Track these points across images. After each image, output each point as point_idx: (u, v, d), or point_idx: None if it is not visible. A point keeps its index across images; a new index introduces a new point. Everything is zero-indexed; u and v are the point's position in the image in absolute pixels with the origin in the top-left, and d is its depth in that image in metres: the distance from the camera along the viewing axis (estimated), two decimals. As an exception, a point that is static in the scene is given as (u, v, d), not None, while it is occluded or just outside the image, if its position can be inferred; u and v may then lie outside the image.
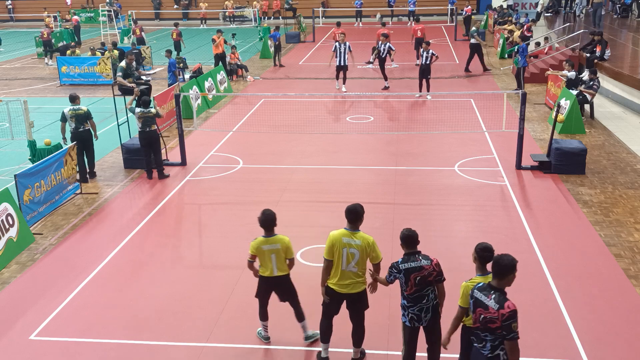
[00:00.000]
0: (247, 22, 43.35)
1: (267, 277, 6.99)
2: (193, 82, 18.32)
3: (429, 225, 10.35)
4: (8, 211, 9.59)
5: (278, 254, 6.88)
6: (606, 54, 19.92)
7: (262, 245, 6.88)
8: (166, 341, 7.33)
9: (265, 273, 6.98)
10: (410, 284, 5.97)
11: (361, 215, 6.40)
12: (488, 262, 5.59)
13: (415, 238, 6.11)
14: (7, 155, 14.52)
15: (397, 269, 6.05)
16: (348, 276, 6.42)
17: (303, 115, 17.01)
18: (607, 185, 11.84)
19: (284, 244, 6.89)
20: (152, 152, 12.70)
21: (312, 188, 12.15)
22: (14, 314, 8.01)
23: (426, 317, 6.06)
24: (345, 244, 6.35)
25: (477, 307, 5.27)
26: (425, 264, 5.99)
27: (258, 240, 6.92)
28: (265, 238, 6.91)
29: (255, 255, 6.93)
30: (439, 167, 13.07)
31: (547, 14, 34.34)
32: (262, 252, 6.89)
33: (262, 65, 26.56)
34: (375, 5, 41.94)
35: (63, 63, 23.38)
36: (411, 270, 5.97)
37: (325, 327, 6.79)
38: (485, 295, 5.22)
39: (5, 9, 47.94)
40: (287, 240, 6.92)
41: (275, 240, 6.89)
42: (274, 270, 6.93)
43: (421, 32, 24.93)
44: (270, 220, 6.91)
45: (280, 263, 6.92)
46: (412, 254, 6.07)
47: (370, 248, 6.33)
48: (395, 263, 6.10)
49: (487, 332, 5.19)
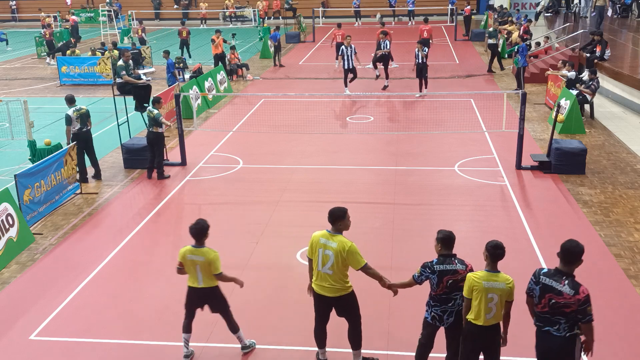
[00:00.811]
0: (247, 22, 43.35)
1: (193, 287, 6.81)
2: (193, 82, 18.32)
3: (429, 225, 10.35)
4: (8, 211, 9.59)
5: (202, 266, 6.68)
6: (606, 54, 19.91)
7: (187, 255, 6.71)
8: (166, 341, 7.33)
9: (192, 283, 6.81)
10: (442, 286, 5.91)
11: (339, 217, 6.28)
12: (499, 259, 5.68)
13: (453, 240, 6.04)
14: (7, 155, 14.52)
15: (431, 270, 5.95)
16: (324, 278, 6.34)
17: (303, 115, 17.01)
18: (607, 185, 11.84)
19: (209, 258, 6.65)
20: (155, 153, 12.70)
21: (312, 188, 12.15)
22: (14, 314, 8.01)
23: (448, 320, 6.05)
24: (322, 244, 6.30)
25: (547, 293, 5.46)
26: (460, 268, 5.92)
27: (185, 249, 6.76)
28: (193, 247, 6.73)
29: (182, 263, 6.76)
30: (439, 167, 13.07)
31: (547, 14, 34.33)
32: (187, 262, 6.72)
33: (262, 65, 26.55)
34: (375, 5, 41.92)
35: (63, 63, 23.39)
36: (445, 273, 5.89)
37: (317, 333, 6.71)
38: (557, 281, 5.44)
39: (8, 8, 47.93)
40: (214, 255, 6.67)
41: (201, 253, 6.68)
42: (199, 281, 6.75)
43: (428, 32, 24.90)
44: (200, 230, 6.69)
45: (205, 275, 6.72)
46: (448, 256, 5.97)
47: (346, 253, 6.15)
48: (429, 263, 5.99)
49: (560, 316, 5.44)
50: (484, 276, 5.68)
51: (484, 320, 5.72)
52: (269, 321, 7.69)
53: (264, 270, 8.99)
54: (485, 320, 5.73)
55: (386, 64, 20.70)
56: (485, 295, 5.64)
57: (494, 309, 5.71)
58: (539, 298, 5.52)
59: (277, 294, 8.31)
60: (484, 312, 5.69)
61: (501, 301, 5.70)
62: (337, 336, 7.33)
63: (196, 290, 6.81)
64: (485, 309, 5.67)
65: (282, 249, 9.60)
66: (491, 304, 5.67)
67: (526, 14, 36.24)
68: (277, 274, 8.87)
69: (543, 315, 5.53)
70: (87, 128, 12.58)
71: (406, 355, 6.86)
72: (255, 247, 9.66)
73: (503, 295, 5.68)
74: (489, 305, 5.67)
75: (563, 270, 5.46)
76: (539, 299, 5.53)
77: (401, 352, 6.91)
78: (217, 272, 6.69)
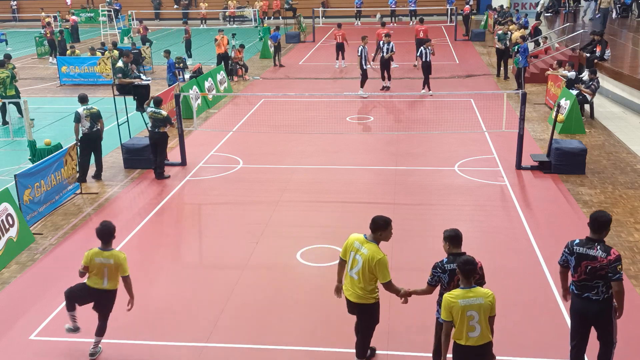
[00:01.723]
0: (247, 22, 43.35)
1: (93, 288, 6.76)
2: (193, 82, 18.32)
3: (429, 225, 10.36)
4: (8, 211, 9.59)
5: (110, 269, 6.64)
6: (606, 54, 19.91)
7: (95, 257, 6.66)
8: (166, 341, 7.33)
9: (95, 285, 6.74)
10: (453, 284, 5.87)
11: (381, 227, 6.13)
12: (471, 275, 5.54)
13: (461, 237, 6.00)
14: (7, 155, 14.52)
15: (442, 269, 5.93)
16: (350, 281, 6.32)
17: (303, 115, 17.01)
18: (607, 185, 11.84)
19: (118, 261, 6.62)
20: (158, 152, 12.72)
21: (312, 188, 12.15)
22: (14, 314, 8.01)
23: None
24: (355, 248, 6.24)
25: (583, 261, 5.90)
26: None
27: (92, 252, 6.69)
28: (100, 250, 6.68)
29: (88, 267, 6.70)
30: (439, 167, 13.07)
31: (547, 14, 34.34)
32: (94, 265, 6.67)
33: (262, 65, 26.56)
34: (375, 5, 41.93)
35: (63, 63, 23.39)
36: (456, 272, 5.82)
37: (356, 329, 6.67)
38: (590, 248, 5.90)
39: (9, 8, 47.93)
40: (123, 257, 6.64)
41: (109, 255, 6.63)
42: (104, 283, 6.72)
43: (424, 32, 24.93)
44: (106, 232, 6.65)
45: (112, 278, 6.70)
46: (458, 254, 5.92)
47: (374, 262, 6.02)
48: (439, 263, 5.97)
49: (598, 279, 5.89)
50: (460, 294, 5.48)
51: (467, 339, 5.48)
52: (269, 321, 7.69)
53: (264, 270, 8.99)
54: (469, 340, 5.48)
55: (387, 66, 20.54)
56: (464, 314, 5.44)
57: (478, 327, 5.47)
58: (575, 267, 5.99)
59: (277, 294, 8.31)
60: (466, 331, 5.48)
61: (484, 317, 5.47)
62: (340, 336, 7.34)
63: (92, 290, 6.78)
64: (467, 328, 5.47)
65: (282, 249, 9.60)
66: (472, 322, 5.46)
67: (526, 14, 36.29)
68: (277, 274, 8.87)
69: (581, 282, 6.00)
70: (97, 128, 12.58)
71: (406, 355, 6.86)
72: (255, 247, 9.66)
73: (484, 310, 5.46)
74: (470, 324, 5.46)
75: (594, 238, 5.94)
76: (575, 268, 5.99)
77: (401, 352, 6.91)
78: (125, 275, 6.71)
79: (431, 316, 6.50)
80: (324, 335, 7.37)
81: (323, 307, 7.94)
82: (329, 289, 8.39)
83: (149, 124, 12.64)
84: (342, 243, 9.46)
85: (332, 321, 7.65)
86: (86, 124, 12.44)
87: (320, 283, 8.60)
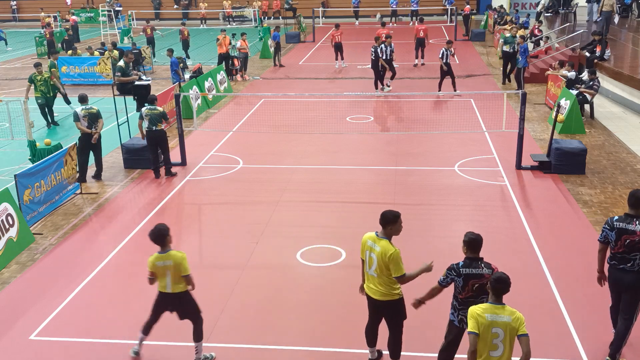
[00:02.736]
0: (247, 22, 43.35)
1: (164, 293, 6.77)
2: (193, 82, 18.32)
3: (429, 225, 10.36)
4: (8, 211, 9.59)
5: (172, 271, 6.65)
6: (606, 54, 19.91)
7: (156, 262, 6.66)
8: (166, 341, 7.32)
9: (161, 289, 6.77)
10: (467, 289, 5.83)
11: (390, 221, 6.15)
12: (503, 293, 5.32)
13: (480, 243, 5.88)
14: (7, 155, 14.52)
15: (457, 272, 5.87)
16: (371, 280, 6.34)
17: (303, 115, 17.01)
18: (607, 185, 11.84)
19: (177, 261, 6.61)
20: (161, 150, 12.74)
21: (312, 188, 12.15)
22: (14, 314, 8.01)
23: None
24: (369, 247, 6.28)
25: (622, 235, 6.43)
26: (486, 272, 5.78)
27: (153, 257, 6.69)
28: (159, 254, 6.67)
29: (154, 272, 6.71)
30: (439, 167, 13.07)
31: (547, 14, 34.34)
32: (157, 269, 6.67)
33: (262, 65, 26.56)
34: (375, 5, 41.93)
35: (63, 63, 23.38)
36: (471, 277, 5.80)
37: (367, 331, 6.70)
38: (629, 223, 6.43)
39: (9, 8, 47.93)
40: (181, 257, 6.63)
41: (167, 257, 6.64)
42: (167, 286, 6.71)
43: (424, 32, 24.94)
44: (159, 235, 6.64)
45: (175, 280, 6.68)
46: (474, 259, 5.86)
47: (388, 258, 6.05)
48: (455, 265, 5.91)
49: (634, 252, 6.42)
50: (488, 308, 5.26)
51: (488, 358, 5.23)
52: (269, 321, 7.69)
53: (264, 270, 8.99)
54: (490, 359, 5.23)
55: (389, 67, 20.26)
56: (489, 330, 5.19)
57: (501, 346, 5.19)
58: (616, 241, 6.53)
59: (277, 294, 8.31)
60: (488, 349, 5.22)
61: (510, 338, 5.18)
62: (340, 336, 7.34)
63: (166, 295, 6.78)
64: (490, 346, 5.22)
65: (282, 249, 9.60)
66: (497, 340, 5.20)
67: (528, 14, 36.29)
68: (277, 274, 8.87)
69: (620, 255, 6.53)
70: (95, 128, 12.55)
71: (407, 356, 6.85)
72: (255, 247, 9.66)
73: (510, 330, 5.17)
74: (494, 342, 5.21)
75: (632, 214, 6.48)
76: (616, 242, 6.53)
77: (405, 352, 6.89)
78: (186, 274, 6.66)
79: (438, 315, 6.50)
80: (324, 335, 7.37)
81: (323, 307, 7.95)
82: (329, 289, 8.43)
83: (146, 125, 12.57)
84: (342, 243, 9.55)
85: (332, 321, 7.65)
86: (84, 123, 12.45)
87: (320, 283, 8.61)
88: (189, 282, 6.72)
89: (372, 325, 6.65)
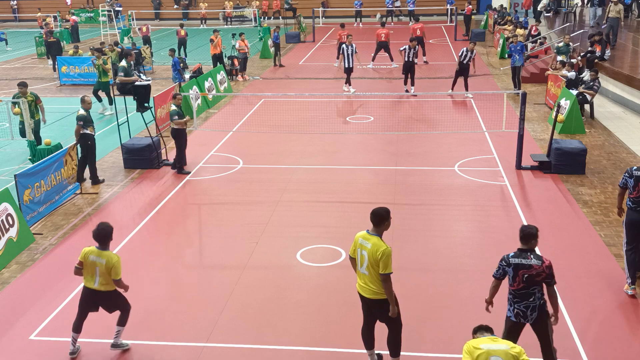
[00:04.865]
0: (247, 22, 43.36)
1: (89, 288, 6.83)
2: (193, 82, 18.32)
3: (429, 225, 10.36)
4: (8, 211, 9.59)
5: (101, 269, 6.68)
6: (606, 54, 19.90)
7: (89, 255, 6.72)
8: (166, 341, 7.32)
9: (88, 284, 6.82)
10: (518, 279, 5.99)
11: (385, 218, 6.20)
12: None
13: (531, 235, 6.07)
14: (7, 155, 14.52)
15: (507, 263, 6.06)
16: (362, 278, 6.33)
17: (303, 115, 17.01)
18: (607, 185, 11.83)
19: (110, 263, 6.64)
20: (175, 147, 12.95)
21: (312, 188, 12.16)
22: (14, 314, 8.01)
23: (532, 316, 6.08)
24: (360, 244, 6.29)
25: None
26: (535, 263, 5.95)
27: (89, 249, 6.77)
28: (96, 249, 6.75)
29: (83, 263, 6.76)
30: (439, 167, 13.07)
31: (547, 14, 34.36)
32: (88, 262, 6.73)
33: (262, 65, 26.56)
34: (375, 5, 41.93)
35: (63, 63, 23.38)
36: (520, 267, 5.97)
37: (363, 333, 6.66)
38: None
39: (9, 8, 47.94)
40: (117, 260, 6.68)
41: (103, 255, 6.69)
42: (95, 283, 6.77)
43: (420, 31, 24.95)
44: (102, 234, 6.71)
45: (103, 279, 6.73)
46: (525, 250, 6.05)
47: (379, 255, 6.04)
48: (506, 256, 6.15)
49: None
50: (484, 340, 5.18)
51: None
52: (269, 321, 7.69)
53: (264, 270, 8.99)
54: None
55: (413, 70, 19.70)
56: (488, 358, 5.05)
57: None
58: (634, 187, 7.74)
59: (277, 294, 8.31)
60: None
61: None
62: (340, 336, 7.34)
63: (91, 292, 6.84)
64: None
65: (282, 249, 9.60)
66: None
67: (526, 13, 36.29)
68: (277, 274, 8.87)
69: (637, 198, 7.75)
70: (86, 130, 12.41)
71: (407, 355, 6.85)
72: (255, 247, 9.66)
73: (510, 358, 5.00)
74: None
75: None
76: (634, 187, 7.74)
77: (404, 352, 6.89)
78: (117, 278, 6.71)
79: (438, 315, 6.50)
80: (324, 335, 7.37)
81: (323, 307, 7.95)
82: (329, 289, 8.43)
83: None
84: (342, 243, 9.54)
85: (332, 321, 7.65)
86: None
87: (320, 283, 8.61)
88: (120, 286, 6.82)
89: (368, 326, 6.61)
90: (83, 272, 6.85)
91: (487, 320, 5.92)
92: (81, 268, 6.83)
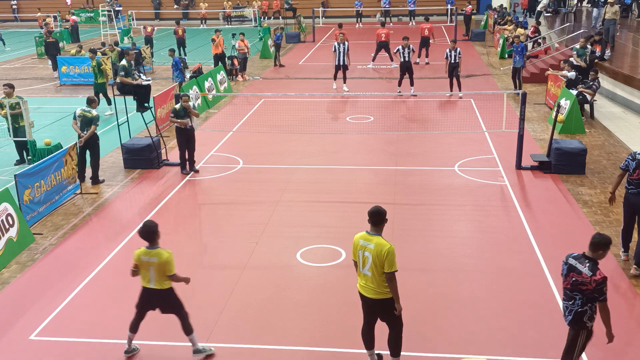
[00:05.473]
0: (247, 22, 43.36)
1: (146, 288, 6.83)
2: (193, 82, 18.32)
3: (429, 225, 10.36)
4: (8, 211, 9.59)
5: (155, 268, 6.68)
6: (606, 54, 19.89)
7: (142, 256, 6.71)
8: (166, 341, 7.32)
9: (145, 284, 6.82)
10: (567, 280, 6.01)
11: (383, 218, 6.24)
12: None
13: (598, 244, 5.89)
14: (7, 155, 14.51)
15: (565, 260, 6.08)
16: (364, 278, 6.33)
17: (303, 115, 17.01)
18: (607, 185, 11.83)
19: (162, 259, 6.64)
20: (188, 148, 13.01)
21: (312, 188, 12.16)
22: (14, 314, 8.01)
23: (567, 318, 6.11)
24: (362, 246, 6.27)
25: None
26: (585, 272, 5.86)
27: (140, 250, 6.75)
28: (146, 249, 6.73)
29: (138, 265, 6.77)
30: (439, 167, 13.07)
31: (547, 14, 34.37)
32: (142, 263, 6.73)
33: (262, 65, 26.56)
34: (376, 6, 41.93)
35: (63, 63, 23.38)
36: (572, 269, 5.97)
37: (363, 333, 6.66)
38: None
39: (9, 8, 47.93)
40: (167, 256, 6.66)
41: (154, 254, 6.68)
42: (150, 282, 6.77)
43: (429, 31, 24.95)
44: (148, 232, 6.69)
45: (158, 277, 6.72)
46: (584, 257, 5.97)
47: (384, 252, 6.07)
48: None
49: None
50: None
51: None
52: (269, 321, 7.69)
53: (264, 270, 8.99)
54: None
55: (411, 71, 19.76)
56: None
57: None
58: (634, 169, 8.31)
59: (277, 294, 8.31)
60: None
61: None
62: (340, 336, 7.34)
63: (148, 291, 6.83)
64: None
65: (282, 249, 9.60)
66: None
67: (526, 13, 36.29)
68: (277, 274, 8.87)
69: (637, 180, 8.35)
70: (85, 132, 12.35)
71: (408, 355, 6.85)
72: (255, 247, 9.66)
73: None
74: None
75: None
76: (634, 170, 8.32)
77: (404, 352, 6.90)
78: (171, 274, 6.70)
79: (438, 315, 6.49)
80: (324, 335, 7.37)
81: (323, 307, 7.95)
82: (329, 289, 8.43)
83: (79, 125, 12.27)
84: (342, 243, 9.54)
85: (332, 321, 7.65)
86: (78, 124, 12.33)
87: (320, 283, 8.61)
88: (177, 280, 6.79)
89: (368, 326, 6.61)
90: (140, 273, 6.82)
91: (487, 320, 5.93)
92: (137, 270, 6.81)
